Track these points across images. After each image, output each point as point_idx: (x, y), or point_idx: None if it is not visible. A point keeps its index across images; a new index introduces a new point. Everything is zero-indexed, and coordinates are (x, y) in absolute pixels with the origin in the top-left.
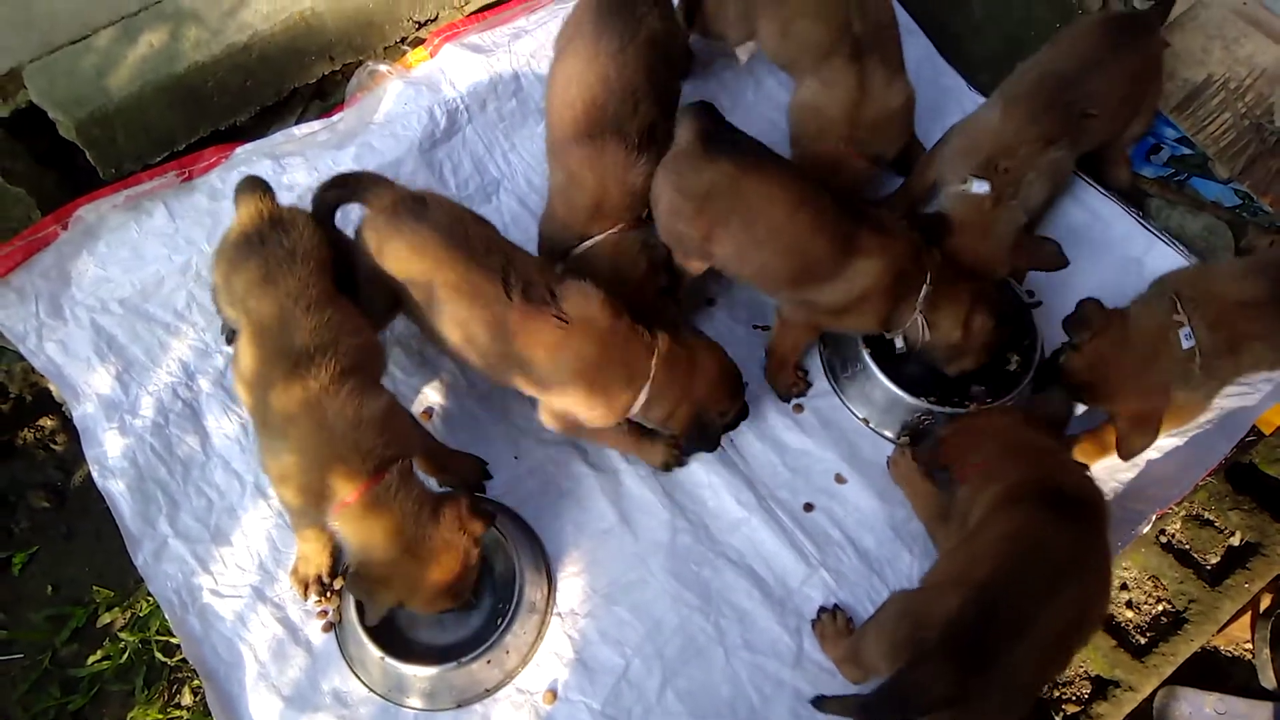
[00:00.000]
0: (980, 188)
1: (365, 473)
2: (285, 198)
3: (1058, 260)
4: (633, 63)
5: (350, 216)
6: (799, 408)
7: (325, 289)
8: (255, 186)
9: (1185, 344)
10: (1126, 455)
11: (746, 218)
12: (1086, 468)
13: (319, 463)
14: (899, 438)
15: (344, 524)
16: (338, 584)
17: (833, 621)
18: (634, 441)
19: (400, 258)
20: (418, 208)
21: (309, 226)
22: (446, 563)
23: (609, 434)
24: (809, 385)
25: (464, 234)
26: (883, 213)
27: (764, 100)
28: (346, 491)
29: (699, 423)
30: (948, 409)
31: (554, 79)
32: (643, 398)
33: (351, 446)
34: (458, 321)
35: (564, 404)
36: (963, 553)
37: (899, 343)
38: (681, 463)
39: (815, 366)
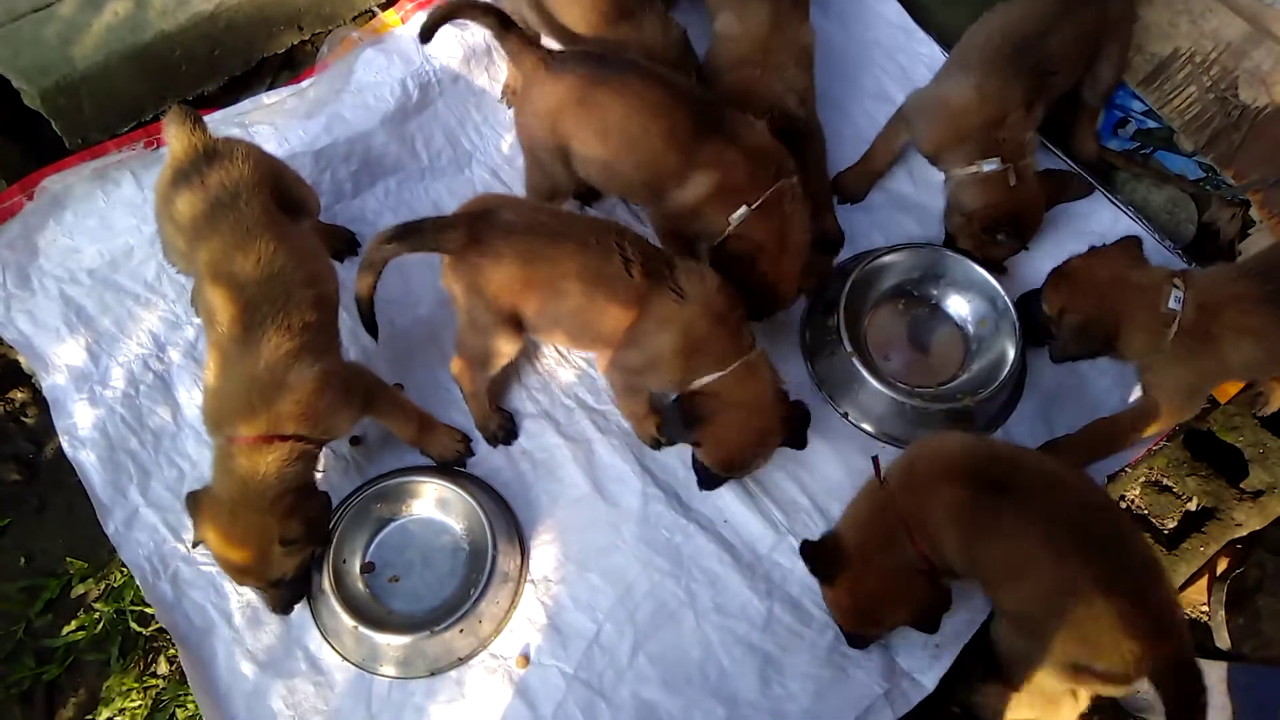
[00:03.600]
0: (992, 166)
1: (265, 429)
2: None
3: (1084, 187)
4: None
5: None
6: None
7: (273, 230)
8: (185, 117)
9: (1171, 303)
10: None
11: (599, 131)
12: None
13: (239, 393)
14: None
15: (222, 453)
16: None
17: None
18: (645, 413)
19: (511, 276)
20: (497, 220)
21: (249, 159)
22: (246, 547)
23: (634, 399)
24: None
25: (557, 224)
26: (747, 124)
27: None
28: (243, 430)
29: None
30: (937, 405)
31: None
32: (705, 380)
33: (265, 400)
34: (575, 310)
35: (640, 363)
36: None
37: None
38: (669, 443)
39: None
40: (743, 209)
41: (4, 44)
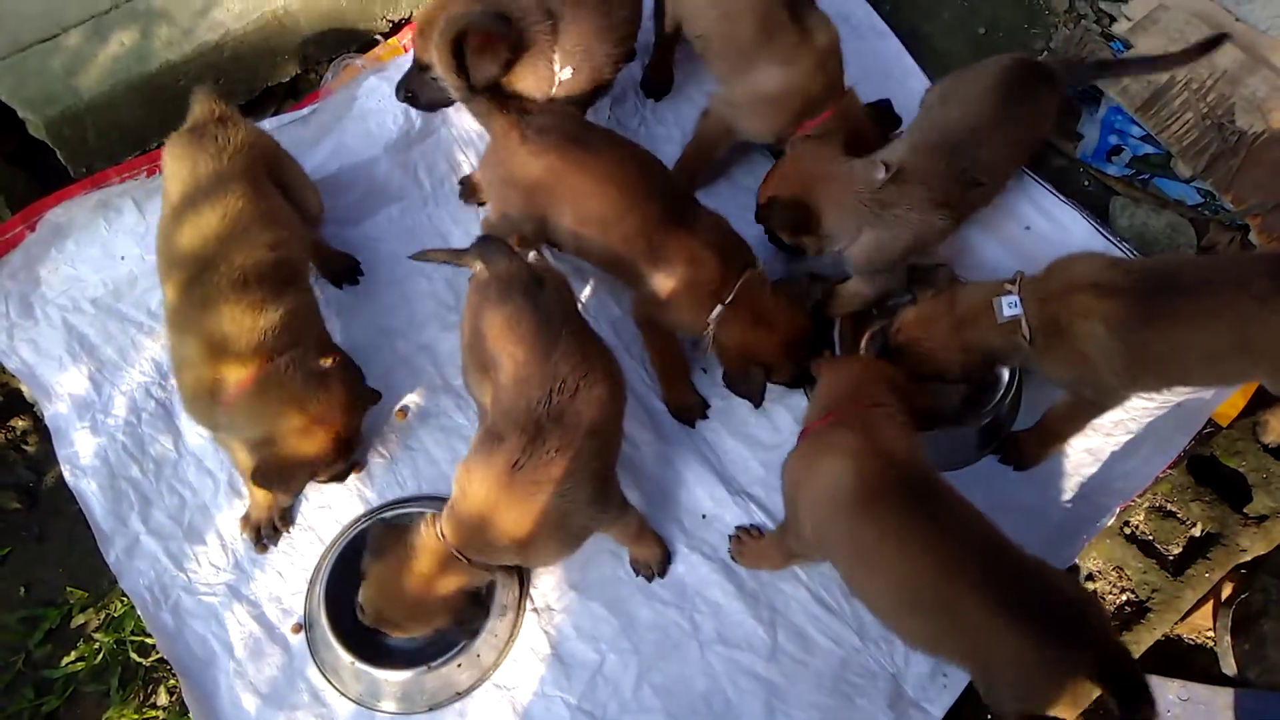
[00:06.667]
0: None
1: (255, 360)
2: None
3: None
4: None
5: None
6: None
7: (246, 192)
8: (216, 91)
9: (1006, 311)
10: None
11: (575, 212)
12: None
13: (213, 359)
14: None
15: (239, 410)
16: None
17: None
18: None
19: (494, 328)
20: (534, 289)
21: (243, 130)
22: (333, 418)
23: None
24: (706, 407)
25: (558, 331)
26: (712, 219)
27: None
28: (237, 377)
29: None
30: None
31: None
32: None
33: (245, 344)
34: (501, 393)
35: None
36: (922, 607)
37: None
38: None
39: None
40: (718, 309)
41: (10, 74)
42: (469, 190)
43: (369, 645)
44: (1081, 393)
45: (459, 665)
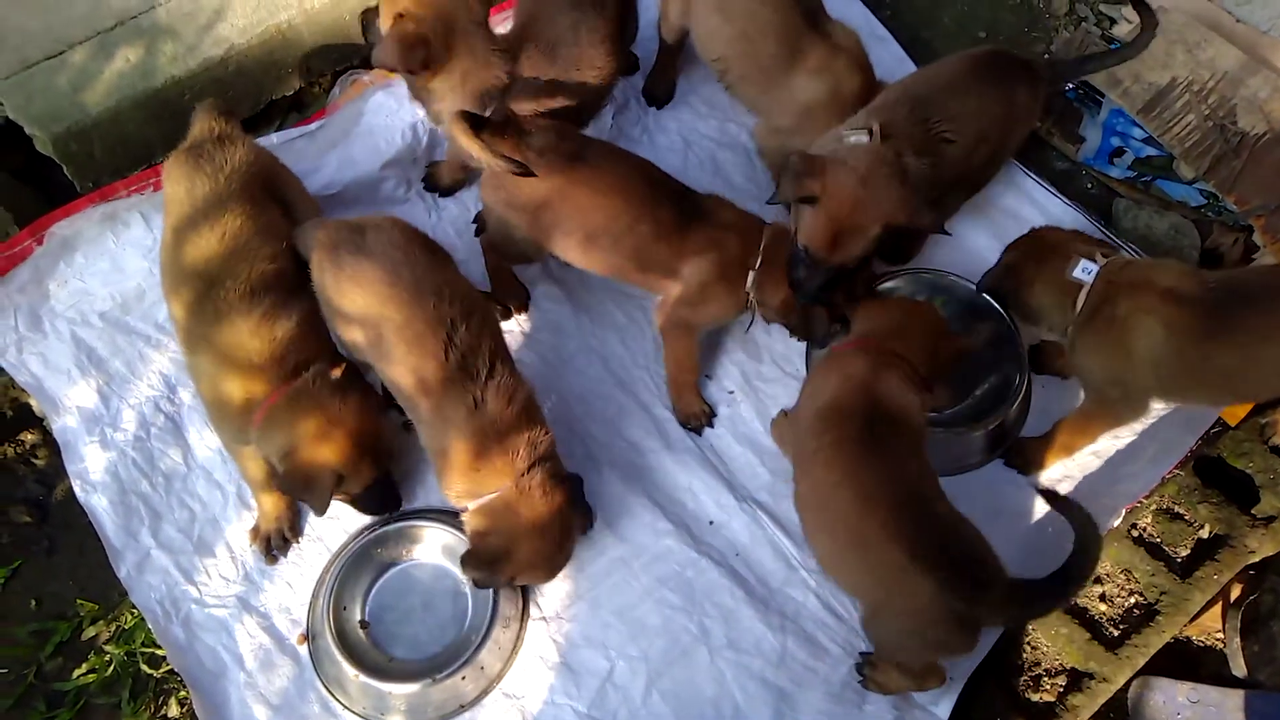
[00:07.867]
0: (859, 138)
1: (280, 377)
2: None
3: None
4: None
5: None
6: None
7: (244, 210)
8: (217, 108)
9: (1077, 272)
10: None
11: (582, 226)
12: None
13: (235, 374)
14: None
15: (271, 424)
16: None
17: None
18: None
19: (345, 294)
20: (356, 239)
21: (240, 149)
22: (362, 425)
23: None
24: (713, 416)
25: (411, 271)
26: (713, 202)
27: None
28: (265, 394)
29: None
30: (942, 431)
31: None
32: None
33: (265, 359)
34: (403, 364)
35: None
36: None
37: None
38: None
39: (797, 368)
40: (750, 275)
41: (17, 92)
42: (433, 179)
43: (372, 658)
44: (1105, 393)
45: (463, 677)
